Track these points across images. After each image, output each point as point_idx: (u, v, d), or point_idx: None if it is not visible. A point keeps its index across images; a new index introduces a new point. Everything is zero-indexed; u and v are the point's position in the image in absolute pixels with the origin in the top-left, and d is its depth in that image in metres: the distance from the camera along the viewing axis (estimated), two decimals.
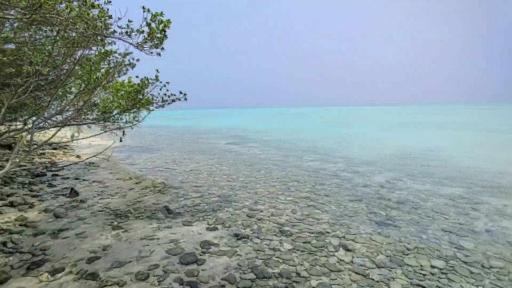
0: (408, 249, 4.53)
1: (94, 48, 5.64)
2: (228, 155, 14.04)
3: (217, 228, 5.28)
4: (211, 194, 7.33)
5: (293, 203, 6.69)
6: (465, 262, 4.16)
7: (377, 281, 3.69)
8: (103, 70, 7.12)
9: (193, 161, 12.30)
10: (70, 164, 10.68)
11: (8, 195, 6.77)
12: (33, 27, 5.38)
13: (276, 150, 15.61)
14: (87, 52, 4.67)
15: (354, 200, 6.91)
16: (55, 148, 14.85)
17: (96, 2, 4.00)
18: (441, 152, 13.98)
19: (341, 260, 4.20)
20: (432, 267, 4.04)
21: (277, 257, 4.28)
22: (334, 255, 4.34)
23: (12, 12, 4.17)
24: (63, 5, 3.98)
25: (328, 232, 5.11)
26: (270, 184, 8.41)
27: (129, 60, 6.63)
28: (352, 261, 4.18)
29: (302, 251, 4.46)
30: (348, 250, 4.50)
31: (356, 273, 3.88)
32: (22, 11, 3.48)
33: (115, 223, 5.42)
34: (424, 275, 3.84)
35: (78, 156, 13.15)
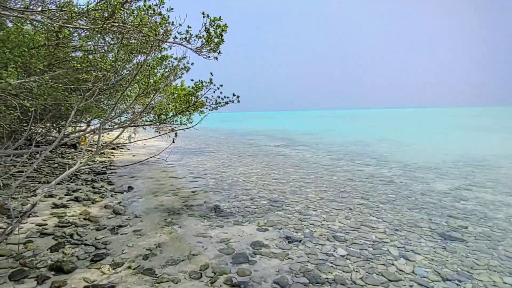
0: (477, 264, 4.11)
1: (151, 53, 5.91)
2: (277, 158, 13.97)
3: (268, 230, 5.23)
4: (261, 197, 7.29)
5: (346, 209, 6.42)
6: None
7: None
8: (158, 74, 7.46)
9: (242, 164, 12.40)
10: (129, 165, 11.27)
11: (74, 191, 7.29)
12: (98, 35, 5.76)
13: (326, 153, 15.26)
14: (149, 58, 4.92)
15: (413, 208, 6.47)
16: (113, 148, 15.83)
17: (158, 10, 4.18)
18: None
19: (401, 270, 3.92)
20: (505, 283, 3.63)
21: (331, 263, 4.11)
22: (393, 264, 4.08)
23: (82, 22, 4.47)
24: (125, 14, 4.21)
25: (385, 242, 4.82)
26: (321, 189, 8.19)
27: (184, 64, 6.88)
28: (413, 272, 3.89)
29: (357, 258, 4.24)
30: (408, 260, 4.21)
31: (419, 284, 3.59)
32: (94, 21, 3.72)
33: (169, 220, 5.59)
34: None
35: (134, 156, 13.89)
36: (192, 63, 6.07)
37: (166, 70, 6.85)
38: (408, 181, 9.00)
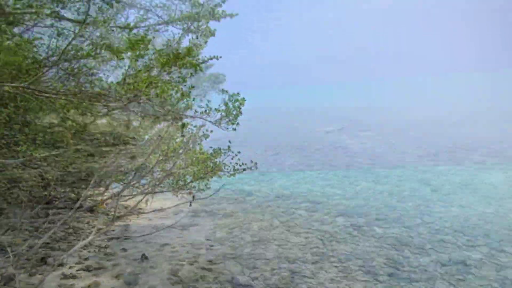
0: None
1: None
2: (296, 220, 13.46)
3: None
4: (281, 268, 6.85)
5: (373, 281, 5.94)
6: None
7: None
8: (178, 140, 7.61)
9: (261, 228, 11.95)
10: (145, 235, 11.04)
11: (85, 259, 7.05)
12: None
13: (340, 215, 14.64)
14: (170, 127, 5.13)
15: (449, 281, 5.94)
16: (129, 212, 15.69)
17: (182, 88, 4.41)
18: None
19: None
20: None
21: None
22: None
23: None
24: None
25: None
26: (345, 256, 7.68)
27: (203, 132, 7.07)
28: None
29: None
30: None
31: None
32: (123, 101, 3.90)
33: None
34: None
35: (151, 220, 13.66)
36: (211, 131, 6.22)
37: (186, 136, 7.02)
38: (439, 247, 8.39)
